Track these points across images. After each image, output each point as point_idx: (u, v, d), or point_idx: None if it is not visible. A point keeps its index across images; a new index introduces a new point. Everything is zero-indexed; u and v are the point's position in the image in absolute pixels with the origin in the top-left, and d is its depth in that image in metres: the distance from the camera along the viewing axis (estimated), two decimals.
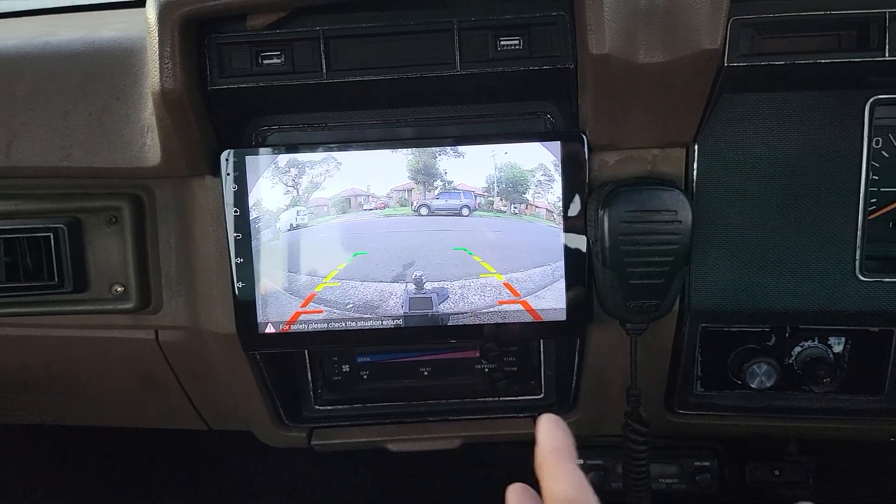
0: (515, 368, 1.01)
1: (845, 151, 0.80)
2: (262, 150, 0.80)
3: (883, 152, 0.88)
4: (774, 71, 0.73)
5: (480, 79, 0.75)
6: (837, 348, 0.96)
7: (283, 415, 1.01)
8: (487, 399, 1.02)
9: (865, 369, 0.97)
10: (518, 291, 0.83)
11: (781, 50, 0.73)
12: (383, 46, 0.75)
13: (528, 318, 0.83)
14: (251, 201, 0.81)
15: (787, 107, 0.80)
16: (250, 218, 0.81)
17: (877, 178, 0.89)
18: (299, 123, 0.84)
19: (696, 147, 0.82)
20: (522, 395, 1.02)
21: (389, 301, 0.83)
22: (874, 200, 0.89)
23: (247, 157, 0.80)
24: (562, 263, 0.82)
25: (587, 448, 1.08)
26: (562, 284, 0.82)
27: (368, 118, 0.83)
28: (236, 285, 0.82)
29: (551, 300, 0.83)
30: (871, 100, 0.79)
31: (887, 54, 0.71)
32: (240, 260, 0.82)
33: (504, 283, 0.82)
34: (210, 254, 0.85)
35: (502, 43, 0.74)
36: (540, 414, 1.02)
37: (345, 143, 0.80)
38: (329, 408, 1.02)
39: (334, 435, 1.04)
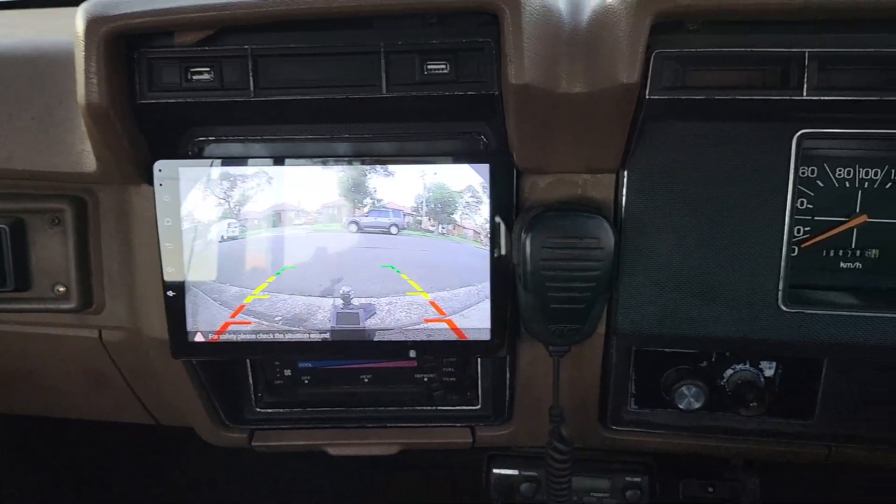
0: (454, 379, 1.03)
1: (772, 182, 0.81)
2: (193, 161, 0.81)
3: (818, 181, 0.89)
4: (697, 104, 0.74)
5: (407, 102, 0.76)
6: (768, 372, 0.97)
7: (224, 416, 1.02)
8: (425, 407, 1.03)
9: (796, 393, 0.98)
10: (444, 310, 0.84)
11: (705, 84, 0.74)
12: (310, 66, 0.76)
13: (453, 337, 0.85)
14: (183, 212, 0.82)
15: (716, 136, 0.80)
16: (182, 228, 0.82)
17: (811, 206, 0.89)
18: (235, 135, 0.84)
19: (625, 173, 0.83)
20: (460, 405, 1.03)
21: (317, 315, 0.84)
22: (808, 229, 0.90)
23: (180, 169, 0.81)
24: (487, 284, 0.83)
25: (522, 459, 1.10)
26: (487, 305, 0.84)
27: (302, 132, 0.84)
28: (167, 293, 0.83)
29: (476, 320, 0.84)
30: (798, 133, 0.79)
31: (805, 93, 0.72)
32: (171, 269, 0.83)
33: (430, 302, 0.83)
34: (146, 261, 0.87)
35: (429, 67, 0.75)
36: (477, 423, 1.06)
37: (276, 158, 0.81)
38: (270, 411, 1.04)
39: (275, 437, 1.06)
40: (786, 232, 0.81)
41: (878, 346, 0.82)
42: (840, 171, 0.88)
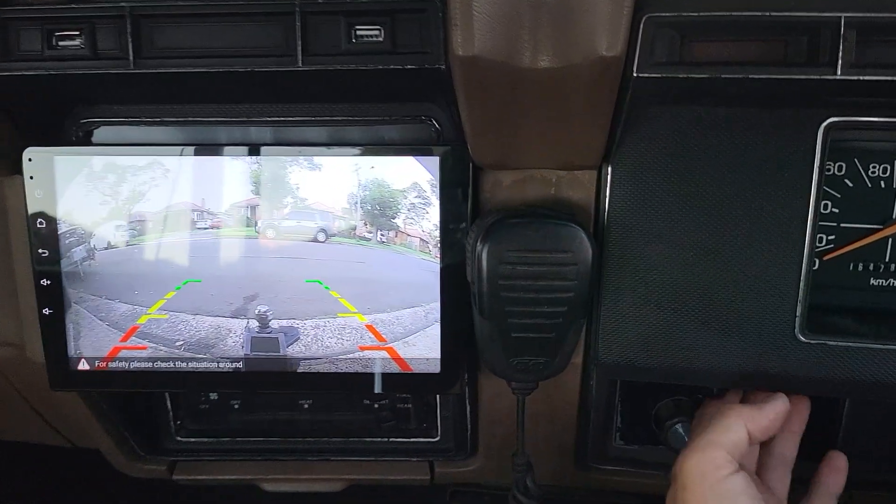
0: (409, 406, 0.87)
1: (792, 181, 0.65)
2: (71, 149, 0.65)
3: (846, 180, 0.72)
4: (699, 84, 0.57)
5: (334, 77, 0.59)
6: None
7: (136, 446, 0.87)
8: (375, 439, 0.88)
9: (813, 431, 0.82)
10: (383, 336, 0.68)
11: (709, 58, 0.57)
12: (206, 31, 0.59)
13: (395, 368, 0.69)
14: (60, 211, 0.66)
15: (722, 124, 0.64)
16: (59, 232, 0.66)
17: (836, 211, 0.73)
18: (129, 117, 0.68)
19: (609, 170, 0.66)
20: (416, 437, 0.88)
21: (227, 340, 0.68)
22: (832, 238, 0.74)
23: (55, 158, 0.65)
24: (437, 305, 0.67)
25: (490, 496, 0.95)
26: (436, 330, 0.68)
27: (211, 114, 0.67)
28: (43, 311, 0.68)
29: (423, 348, 0.68)
30: (826, 122, 0.63)
31: (839, 72, 0.55)
32: (46, 282, 0.67)
33: (367, 326, 0.68)
34: (25, 269, 0.71)
35: (358, 33, 0.58)
36: (436, 458, 0.91)
37: (175, 145, 0.65)
38: (193, 440, 0.89)
39: (200, 469, 0.91)
40: (807, 242, 0.65)
41: None
42: (874, 168, 0.72)
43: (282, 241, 0.67)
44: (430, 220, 0.66)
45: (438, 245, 0.66)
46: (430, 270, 0.67)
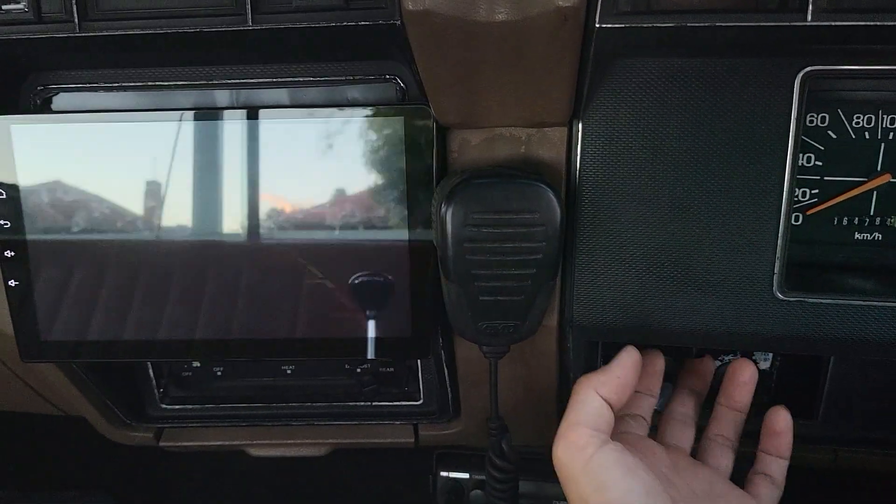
0: (391, 369, 0.86)
1: (768, 133, 0.62)
2: (27, 118, 0.64)
3: (829, 132, 0.70)
4: (666, 34, 0.55)
5: (283, 36, 0.57)
6: (764, 365, 0.81)
7: (122, 414, 0.87)
8: (358, 403, 0.88)
9: (796, 390, 0.81)
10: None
11: (675, 6, 0.54)
12: None
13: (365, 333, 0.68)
14: (21, 180, 0.65)
15: (695, 75, 0.62)
16: (21, 202, 0.65)
17: (819, 164, 0.71)
18: (85, 82, 0.66)
19: (579, 126, 0.64)
20: (400, 401, 0.87)
21: None
22: (815, 192, 0.72)
23: (12, 126, 0.64)
24: (406, 269, 0.66)
25: (475, 458, 0.94)
26: (405, 295, 0.66)
27: (171, 77, 0.65)
28: (9, 283, 0.67)
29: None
30: (803, 72, 0.60)
31: (809, 17, 0.52)
32: (10, 253, 0.66)
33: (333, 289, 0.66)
34: None
35: None
36: (420, 421, 0.90)
37: (121, 112, 0.63)
38: (178, 407, 0.89)
39: (187, 436, 0.91)
40: (785, 196, 0.63)
41: None
42: (858, 118, 0.69)
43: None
44: (396, 185, 0.64)
45: (406, 210, 0.64)
46: (398, 236, 0.65)
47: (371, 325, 0.68)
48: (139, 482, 1.46)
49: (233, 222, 0.65)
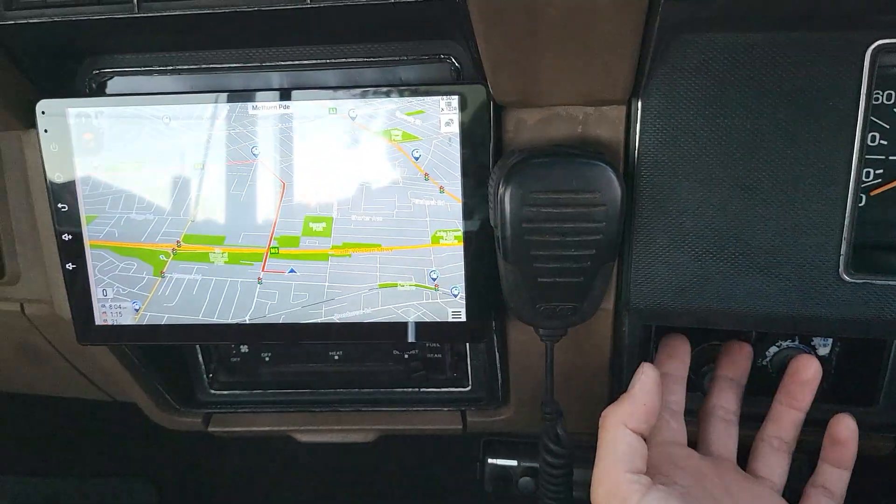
0: (439, 356, 0.86)
1: (836, 110, 0.60)
2: (84, 101, 0.64)
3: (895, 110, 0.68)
4: (733, 7, 0.53)
5: (346, 14, 0.57)
6: (823, 351, 0.79)
7: (172, 399, 0.88)
8: (406, 389, 0.87)
9: (856, 376, 0.79)
10: None
11: None
12: None
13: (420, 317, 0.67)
14: (78, 164, 0.65)
15: (760, 50, 0.60)
16: (77, 186, 0.65)
17: (885, 143, 0.69)
18: (140, 66, 0.66)
19: (639, 104, 0.63)
20: (447, 387, 0.87)
21: None
22: (880, 172, 0.69)
23: (68, 110, 0.64)
24: (460, 251, 0.65)
25: (524, 446, 0.93)
26: (460, 277, 0.66)
27: (221, 60, 0.65)
28: (66, 266, 0.67)
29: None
30: (874, 45, 0.58)
31: None
32: (68, 237, 0.67)
33: None
34: (46, 224, 0.71)
35: None
36: (468, 407, 0.90)
37: (177, 94, 0.63)
38: (227, 392, 0.89)
39: (235, 421, 0.91)
40: (852, 176, 0.61)
41: None
42: None
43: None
44: (452, 164, 0.63)
45: (461, 189, 0.64)
46: (453, 216, 0.64)
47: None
48: (180, 469, 1.48)
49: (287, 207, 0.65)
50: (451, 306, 0.67)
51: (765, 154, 0.62)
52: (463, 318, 0.67)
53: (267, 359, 0.87)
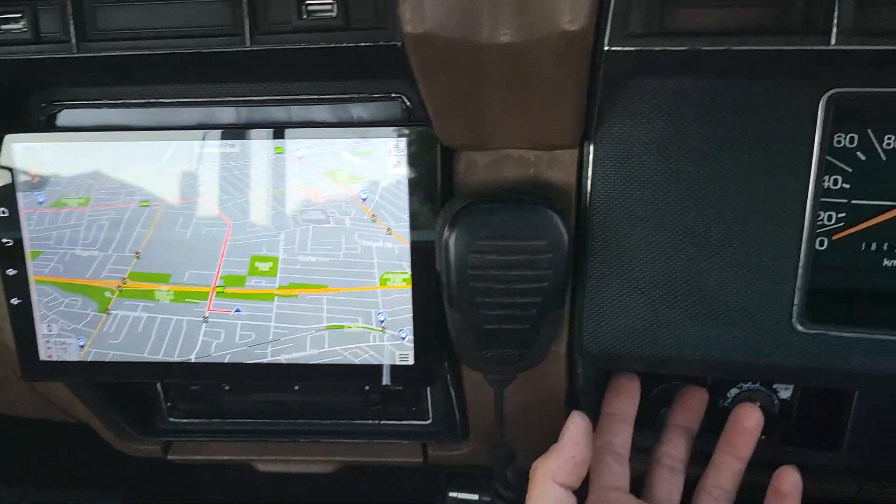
0: (400, 388, 0.85)
1: (790, 154, 0.59)
2: (23, 136, 0.63)
3: (858, 154, 0.66)
4: (680, 58, 0.52)
5: (283, 56, 0.55)
6: (785, 394, 0.77)
7: (129, 427, 0.87)
8: (367, 421, 0.86)
9: (819, 420, 0.78)
10: None
11: (689, 28, 0.52)
12: (152, 11, 0.56)
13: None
14: (21, 200, 0.64)
15: (713, 98, 0.59)
16: (21, 219, 0.65)
17: (847, 186, 0.68)
18: (90, 100, 0.65)
19: (590, 148, 0.62)
20: (408, 420, 0.86)
21: None
22: (842, 216, 0.68)
23: (13, 145, 0.63)
24: (408, 293, 0.64)
25: (487, 479, 0.92)
26: (408, 319, 0.64)
27: (172, 95, 0.64)
28: (11, 301, 0.66)
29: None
30: (828, 94, 0.57)
31: (833, 41, 0.49)
32: (12, 271, 0.66)
33: None
34: None
35: (310, 8, 0.54)
36: (427, 441, 0.89)
37: (123, 130, 0.62)
38: (185, 421, 0.88)
39: (194, 449, 0.90)
40: (806, 225, 0.60)
41: None
42: (889, 140, 0.66)
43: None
44: (399, 205, 0.62)
45: (408, 231, 0.63)
46: (402, 258, 0.63)
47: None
48: (154, 486, 1.46)
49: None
50: (399, 349, 0.66)
51: (717, 200, 0.61)
52: (410, 362, 0.66)
53: (227, 388, 0.86)
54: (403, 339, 0.66)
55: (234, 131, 0.62)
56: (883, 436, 0.76)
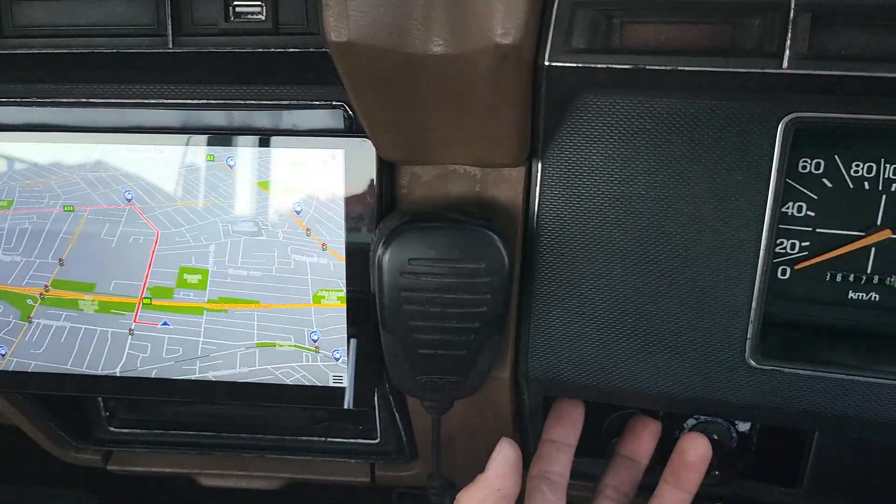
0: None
1: (747, 184, 0.56)
2: None
3: (824, 181, 0.63)
4: (624, 76, 0.49)
5: (209, 58, 0.52)
6: (743, 427, 0.74)
7: (66, 435, 0.83)
8: (313, 438, 0.83)
9: (779, 455, 0.75)
10: None
11: (636, 45, 0.48)
12: (72, 8, 0.53)
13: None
14: None
15: (667, 117, 0.55)
16: None
17: (812, 214, 0.64)
18: (15, 97, 0.62)
19: (538, 166, 0.58)
20: (355, 438, 0.82)
21: None
22: (806, 244, 0.65)
23: None
24: (343, 312, 0.61)
25: None
26: (342, 339, 0.61)
27: (95, 94, 0.61)
28: None
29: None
30: (788, 118, 0.54)
31: (784, 64, 0.46)
32: None
33: None
34: None
35: (238, 9, 0.51)
36: (375, 460, 0.85)
37: (47, 132, 0.59)
38: (126, 431, 0.85)
39: (135, 460, 0.87)
40: (762, 249, 0.57)
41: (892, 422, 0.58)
42: (857, 167, 0.63)
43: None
44: (334, 220, 0.59)
45: (343, 247, 0.59)
46: (336, 276, 0.60)
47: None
48: (122, 482, 1.43)
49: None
50: (333, 370, 0.62)
51: (670, 225, 0.58)
52: (344, 384, 0.63)
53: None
54: (337, 359, 0.62)
55: (164, 136, 0.59)
56: (844, 474, 0.73)
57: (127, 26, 0.53)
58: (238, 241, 0.60)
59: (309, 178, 0.59)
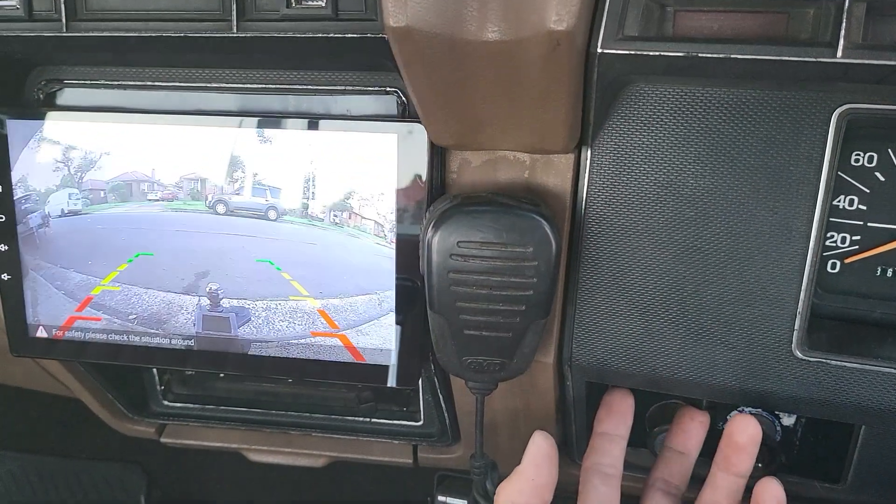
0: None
1: (798, 175, 0.56)
2: (22, 111, 0.63)
3: (877, 174, 0.63)
4: (676, 63, 0.49)
5: (270, 44, 0.54)
6: (788, 420, 0.74)
7: (123, 406, 0.87)
8: (358, 418, 0.85)
9: (823, 450, 0.74)
10: (336, 322, 0.64)
11: (688, 33, 0.49)
12: None
13: (348, 357, 0.65)
14: (15, 176, 0.64)
15: (719, 106, 0.56)
16: (14, 197, 0.65)
17: (864, 208, 0.64)
18: (87, 79, 0.65)
19: (587, 153, 0.59)
20: (399, 420, 0.84)
21: (179, 316, 0.66)
22: (857, 238, 0.65)
23: (8, 122, 0.63)
24: (392, 294, 0.62)
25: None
26: (391, 319, 0.63)
27: (168, 78, 0.63)
28: (2, 276, 0.67)
29: (377, 338, 0.64)
30: (841, 109, 0.54)
31: (839, 54, 0.46)
32: (4, 247, 0.66)
33: (319, 311, 0.64)
34: None
35: None
36: (419, 442, 0.87)
37: (126, 111, 0.62)
38: (180, 405, 0.88)
39: (188, 434, 0.91)
40: (812, 242, 0.57)
41: None
42: None
43: (232, 217, 0.63)
44: (386, 203, 0.61)
45: (394, 230, 0.61)
46: (386, 257, 0.62)
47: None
48: (169, 457, 1.48)
49: (219, 229, 0.63)
50: (382, 349, 0.64)
51: (718, 215, 0.58)
52: (392, 362, 0.64)
53: (221, 374, 0.86)
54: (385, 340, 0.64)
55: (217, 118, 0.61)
56: (890, 469, 0.72)
57: (193, 11, 0.55)
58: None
59: (361, 163, 0.60)
